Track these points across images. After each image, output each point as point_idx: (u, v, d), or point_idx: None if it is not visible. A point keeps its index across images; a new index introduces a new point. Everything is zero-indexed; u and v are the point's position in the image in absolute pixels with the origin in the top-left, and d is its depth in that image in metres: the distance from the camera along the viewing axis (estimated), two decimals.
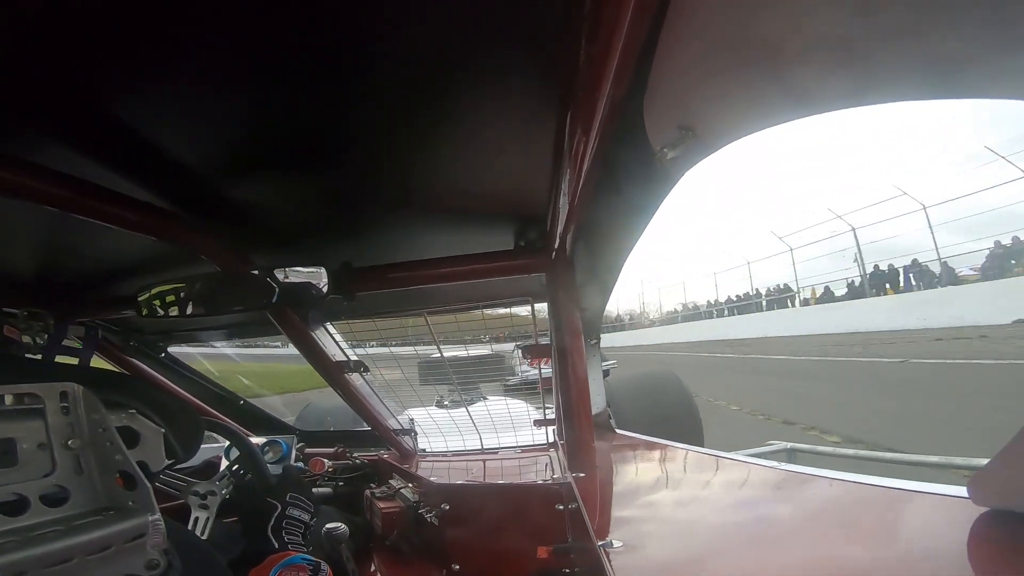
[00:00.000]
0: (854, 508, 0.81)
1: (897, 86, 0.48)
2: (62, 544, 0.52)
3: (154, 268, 1.32)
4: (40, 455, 0.61)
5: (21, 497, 0.57)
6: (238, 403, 2.46)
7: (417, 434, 2.25)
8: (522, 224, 1.24)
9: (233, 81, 0.67)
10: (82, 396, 0.66)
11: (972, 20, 0.37)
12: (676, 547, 0.89)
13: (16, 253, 1.20)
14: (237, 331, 2.11)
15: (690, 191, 28.62)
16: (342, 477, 2.11)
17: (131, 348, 2.04)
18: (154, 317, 1.15)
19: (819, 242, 21.12)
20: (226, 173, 0.92)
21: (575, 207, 0.89)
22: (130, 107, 0.70)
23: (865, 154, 26.27)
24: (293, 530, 1.35)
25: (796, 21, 0.45)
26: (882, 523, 0.74)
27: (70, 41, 0.56)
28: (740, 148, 7.93)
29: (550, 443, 2.15)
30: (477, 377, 2.52)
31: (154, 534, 0.61)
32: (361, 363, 1.69)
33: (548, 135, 0.82)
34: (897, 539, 0.68)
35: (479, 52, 0.63)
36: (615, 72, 0.52)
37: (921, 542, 0.65)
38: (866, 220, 18.84)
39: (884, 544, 0.67)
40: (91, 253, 1.24)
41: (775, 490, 1.00)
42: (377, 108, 0.76)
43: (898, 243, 17.84)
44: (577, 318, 1.41)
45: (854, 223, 19.27)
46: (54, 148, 0.76)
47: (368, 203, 1.09)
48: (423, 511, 1.73)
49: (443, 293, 1.70)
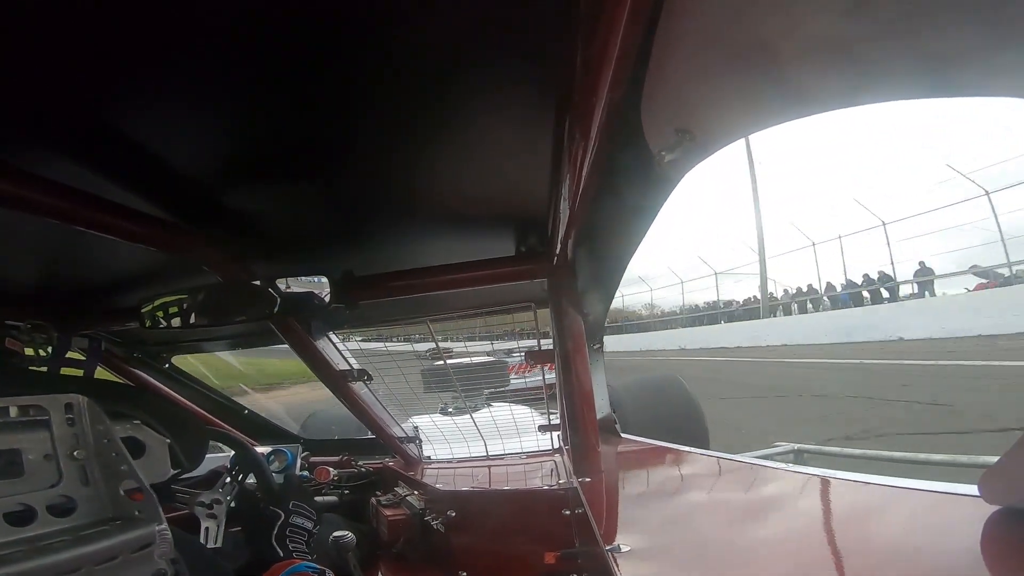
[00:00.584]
0: (864, 508, 0.80)
1: (893, 85, 0.48)
2: (70, 554, 0.52)
3: (157, 279, 1.33)
4: (46, 466, 0.61)
5: (28, 507, 0.57)
6: (242, 413, 2.46)
7: (422, 441, 2.25)
8: (523, 230, 1.24)
9: (235, 93, 0.68)
10: (87, 407, 0.67)
11: (966, 18, 0.38)
12: (684, 550, 0.89)
13: (19, 265, 1.20)
14: (240, 341, 2.12)
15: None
16: (348, 485, 2.10)
17: (135, 359, 2.04)
18: (157, 328, 1.15)
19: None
20: (228, 184, 0.93)
21: (575, 212, 0.89)
22: (133, 118, 0.71)
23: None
24: (297, 538, 1.34)
25: (791, 21, 0.45)
26: (893, 523, 0.73)
27: (73, 53, 0.56)
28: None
29: (555, 448, 2.14)
30: (481, 383, 2.52)
31: (161, 544, 0.61)
32: (365, 372, 1.70)
33: (547, 140, 0.83)
34: (909, 539, 0.67)
35: (476, 60, 0.64)
36: (612, 76, 0.52)
37: (933, 542, 0.65)
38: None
39: (896, 544, 0.67)
40: (94, 265, 1.25)
41: (783, 492, 1.00)
42: (377, 117, 0.76)
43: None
44: (580, 323, 1.41)
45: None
46: (57, 160, 0.77)
47: (369, 212, 1.10)
48: (429, 518, 1.73)
49: (445, 300, 1.70)
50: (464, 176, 0.97)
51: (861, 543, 0.70)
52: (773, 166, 25.87)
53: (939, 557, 0.60)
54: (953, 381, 7.30)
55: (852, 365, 10.44)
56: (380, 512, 1.83)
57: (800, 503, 0.92)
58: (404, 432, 2.16)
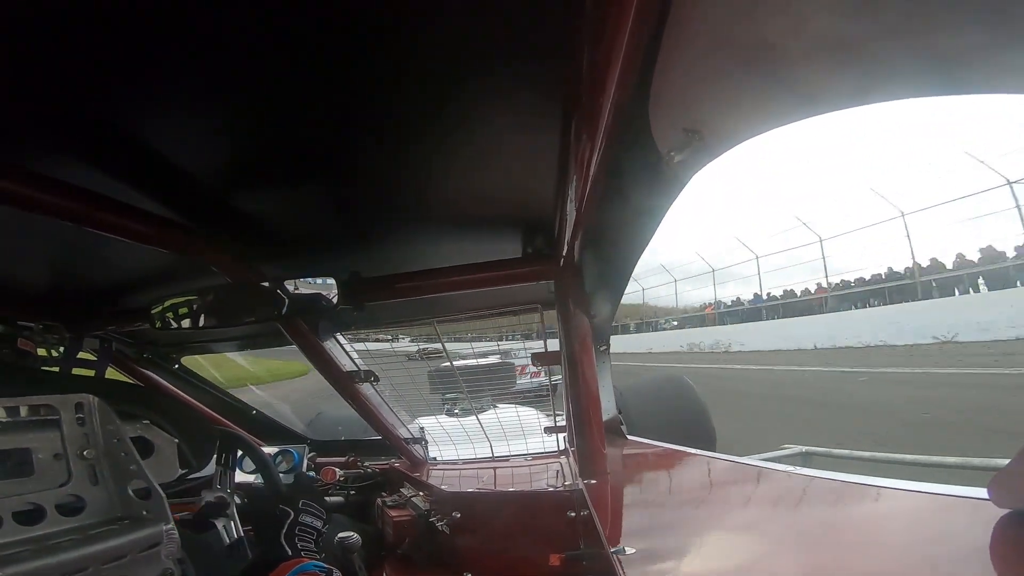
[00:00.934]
0: (872, 511, 0.79)
1: (901, 84, 0.48)
2: (78, 553, 0.53)
3: (166, 280, 1.34)
4: (56, 465, 0.62)
5: (37, 507, 0.57)
6: (251, 413, 2.48)
7: (428, 443, 2.25)
8: (530, 231, 1.24)
9: (245, 96, 0.69)
10: (97, 407, 0.67)
11: (972, 18, 0.37)
12: (690, 553, 0.88)
13: (31, 267, 1.22)
14: (249, 342, 2.13)
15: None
16: (353, 486, 2.11)
17: (145, 360, 2.06)
18: (167, 329, 1.16)
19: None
20: (236, 186, 0.93)
21: (582, 213, 0.89)
22: (144, 121, 0.72)
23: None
24: (306, 537, 1.35)
25: (798, 22, 0.45)
26: (901, 526, 0.72)
27: (83, 56, 0.57)
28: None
29: (561, 450, 2.14)
30: (487, 385, 2.52)
31: (168, 543, 0.61)
32: (371, 373, 1.70)
33: (554, 142, 0.83)
34: (918, 542, 0.67)
35: (484, 61, 0.64)
36: (619, 77, 0.52)
37: (942, 545, 0.64)
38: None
39: (904, 547, 0.66)
40: (105, 266, 1.26)
41: (790, 495, 0.99)
42: (385, 119, 0.77)
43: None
44: (586, 325, 1.40)
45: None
46: (70, 162, 0.78)
47: (377, 213, 1.10)
48: (434, 519, 1.73)
49: (452, 302, 1.71)
50: (471, 177, 0.97)
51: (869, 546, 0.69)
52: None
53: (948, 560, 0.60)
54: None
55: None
56: (386, 513, 1.83)
57: (807, 506, 0.92)
58: (410, 433, 2.16)
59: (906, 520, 0.73)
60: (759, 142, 0.67)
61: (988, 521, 0.59)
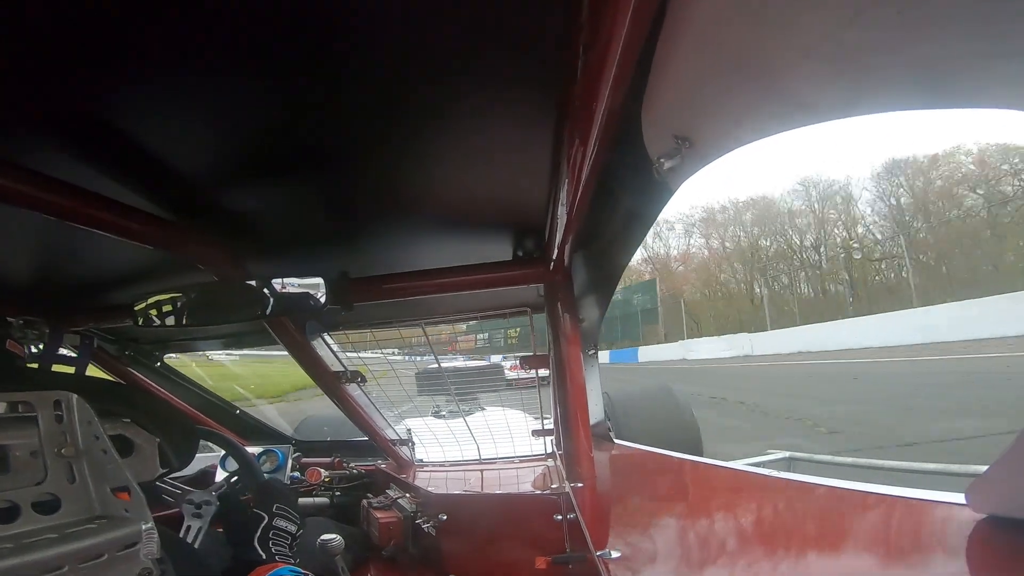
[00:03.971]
0: (853, 516, 0.80)
1: (891, 96, 0.48)
2: (54, 552, 0.52)
3: (151, 277, 1.32)
4: (32, 463, 0.61)
5: (12, 504, 0.56)
6: (234, 412, 2.45)
7: (415, 444, 2.24)
8: (520, 234, 1.24)
9: (233, 90, 0.68)
10: (76, 405, 0.66)
11: (963, 30, 0.38)
12: (675, 557, 0.89)
13: (12, 261, 1.19)
14: (234, 341, 2.10)
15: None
16: (339, 487, 2.09)
17: (127, 357, 2.02)
18: (150, 326, 1.14)
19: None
20: (224, 182, 0.92)
21: (573, 217, 0.89)
22: (129, 115, 0.71)
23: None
24: (280, 541, 1.33)
25: (792, 32, 0.46)
26: (881, 531, 0.73)
27: (69, 48, 0.56)
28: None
29: (548, 453, 2.14)
30: (475, 387, 2.52)
31: (147, 543, 0.60)
32: (358, 373, 1.69)
33: (546, 145, 0.83)
34: (896, 547, 0.68)
35: (477, 63, 0.64)
36: (612, 82, 0.52)
37: (920, 549, 0.65)
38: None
39: (883, 552, 0.67)
40: (88, 261, 1.24)
41: (774, 499, 1.00)
42: (375, 118, 0.76)
43: None
44: (575, 329, 1.41)
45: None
46: (52, 156, 0.76)
47: (366, 213, 1.10)
48: (420, 521, 1.72)
49: (441, 303, 1.70)
50: (462, 179, 0.97)
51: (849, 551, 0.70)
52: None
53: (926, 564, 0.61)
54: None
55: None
56: (371, 514, 1.82)
57: (790, 511, 0.93)
58: (397, 434, 2.15)
59: (886, 524, 0.74)
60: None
61: (966, 526, 0.60)
